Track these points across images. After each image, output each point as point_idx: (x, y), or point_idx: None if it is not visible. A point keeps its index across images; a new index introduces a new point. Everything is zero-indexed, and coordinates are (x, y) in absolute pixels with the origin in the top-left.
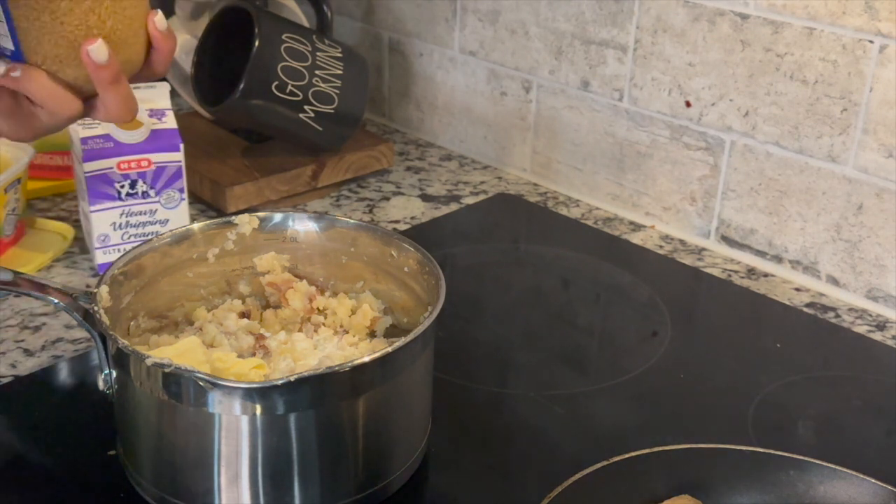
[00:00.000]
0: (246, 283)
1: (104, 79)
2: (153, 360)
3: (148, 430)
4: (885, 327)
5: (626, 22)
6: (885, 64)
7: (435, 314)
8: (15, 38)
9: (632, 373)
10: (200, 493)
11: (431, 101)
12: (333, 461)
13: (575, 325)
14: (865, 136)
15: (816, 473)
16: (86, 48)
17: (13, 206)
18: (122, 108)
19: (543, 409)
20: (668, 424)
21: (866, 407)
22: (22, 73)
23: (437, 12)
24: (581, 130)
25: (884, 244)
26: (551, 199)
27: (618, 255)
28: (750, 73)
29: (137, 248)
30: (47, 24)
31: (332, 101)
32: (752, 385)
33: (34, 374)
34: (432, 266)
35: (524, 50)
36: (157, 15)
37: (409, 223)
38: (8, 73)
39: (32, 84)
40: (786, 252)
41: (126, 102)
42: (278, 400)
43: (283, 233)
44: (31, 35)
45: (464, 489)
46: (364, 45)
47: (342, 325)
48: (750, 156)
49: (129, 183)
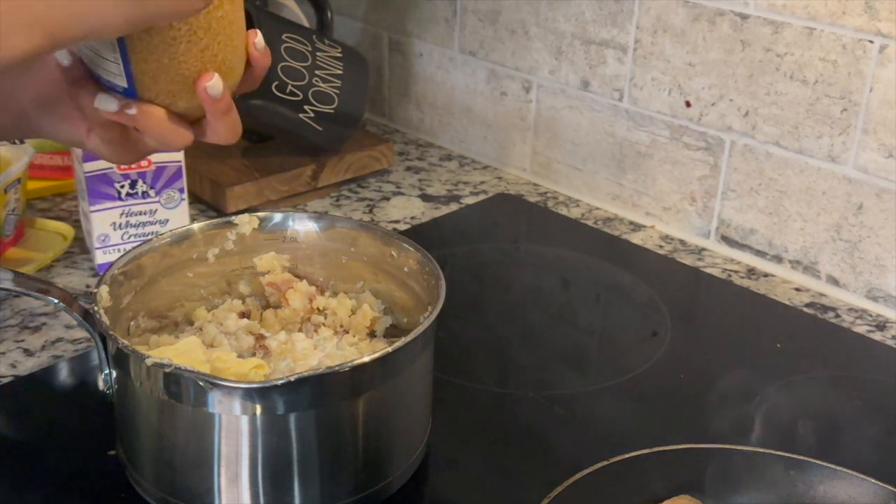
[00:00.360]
0: (246, 283)
1: (219, 110)
2: (153, 360)
3: (148, 430)
4: (885, 327)
5: (626, 22)
6: (885, 64)
7: (435, 314)
8: (130, 77)
9: (632, 373)
10: (200, 493)
11: (431, 101)
12: (333, 461)
13: (575, 325)
14: (865, 136)
15: (816, 473)
16: (202, 85)
17: (13, 206)
18: (231, 132)
19: (543, 409)
20: (668, 424)
21: (866, 407)
22: (137, 111)
23: (437, 12)
24: (581, 130)
25: (884, 244)
26: (551, 199)
27: (618, 255)
28: (750, 73)
29: (137, 248)
30: (165, 64)
31: (332, 101)
32: (752, 385)
33: (34, 374)
34: (432, 266)
35: (524, 50)
36: (257, 36)
37: (409, 223)
38: (122, 109)
39: (148, 120)
40: (786, 252)
41: (235, 126)
42: (278, 400)
43: (283, 233)
44: (148, 75)
45: (464, 489)
46: (364, 45)
47: (342, 325)
48: (750, 156)
49: (129, 183)
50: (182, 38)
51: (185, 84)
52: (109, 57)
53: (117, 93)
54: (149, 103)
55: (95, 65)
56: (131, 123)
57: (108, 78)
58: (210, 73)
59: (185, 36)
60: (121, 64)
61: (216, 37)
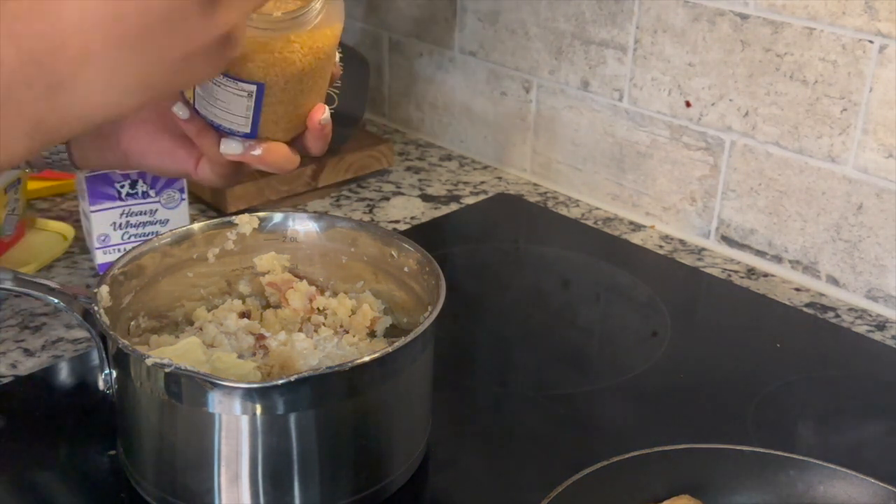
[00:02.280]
0: (246, 283)
1: (326, 132)
2: (153, 360)
3: (148, 430)
4: (884, 327)
5: (625, 22)
6: (885, 64)
7: (435, 314)
8: (256, 125)
9: (632, 373)
10: (200, 493)
11: (431, 101)
12: (333, 461)
13: (575, 325)
14: (865, 136)
15: (816, 473)
16: (318, 119)
17: (13, 206)
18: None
19: (543, 409)
20: (668, 424)
21: (866, 407)
22: (263, 151)
23: (437, 12)
24: (581, 130)
25: (884, 244)
26: (551, 199)
27: (618, 255)
28: (750, 73)
29: (137, 248)
30: (290, 111)
31: (332, 101)
32: (752, 385)
33: (34, 374)
34: (432, 266)
35: (524, 50)
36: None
37: (409, 223)
38: (247, 151)
39: (272, 157)
40: (786, 252)
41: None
42: (278, 400)
43: (283, 233)
44: (271, 121)
45: (464, 489)
46: (364, 45)
47: (342, 325)
48: (750, 156)
49: (129, 183)
50: (308, 88)
51: (301, 120)
52: (239, 113)
53: (237, 136)
54: (269, 141)
55: (217, 117)
56: (254, 162)
57: (229, 127)
58: (321, 107)
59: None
60: (251, 119)
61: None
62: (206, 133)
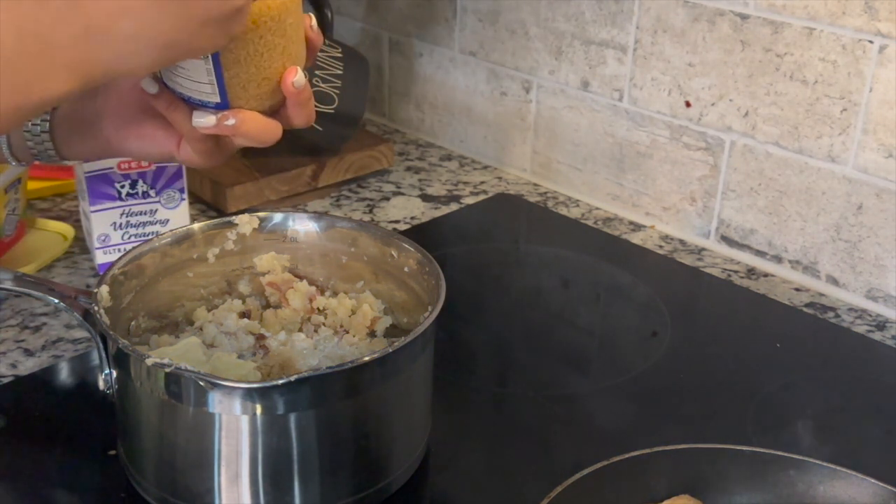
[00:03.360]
0: (246, 283)
1: (304, 98)
2: (153, 360)
3: (148, 430)
4: (884, 327)
5: (625, 22)
6: (885, 64)
7: (435, 314)
8: (223, 92)
9: (632, 373)
10: (201, 493)
11: (431, 101)
12: (333, 461)
13: (575, 325)
14: (865, 136)
15: (816, 473)
16: (289, 81)
17: (13, 206)
18: (310, 115)
19: (543, 409)
20: (668, 424)
21: (866, 407)
22: (237, 120)
23: (437, 12)
24: (581, 130)
25: (883, 244)
26: (551, 199)
27: (618, 255)
28: (750, 73)
29: (137, 248)
30: (253, 73)
31: (333, 101)
32: (752, 385)
33: (34, 374)
34: (432, 266)
35: (524, 50)
36: (312, 20)
37: (409, 223)
38: (221, 122)
39: (246, 126)
40: (786, 252)
41: (312, 110)
42: (278, 400)
43: (283, 233)
44: (239, 86)
45: (464, 489)
46: (364, 45)
47: (342, 325)
48: (750, 156)
49: (129, 183)
50: (265, 48)
51: (272, 85)
52: (203, 80)
53: (210, 108)
54: (243, 110)
55: (185, 87)
56: (230, 133)
57: (199, 98)
58: (293, 69)
59: (267, 45)
60: (215, 84)
61: (291, 37)
62: (176, 107)
